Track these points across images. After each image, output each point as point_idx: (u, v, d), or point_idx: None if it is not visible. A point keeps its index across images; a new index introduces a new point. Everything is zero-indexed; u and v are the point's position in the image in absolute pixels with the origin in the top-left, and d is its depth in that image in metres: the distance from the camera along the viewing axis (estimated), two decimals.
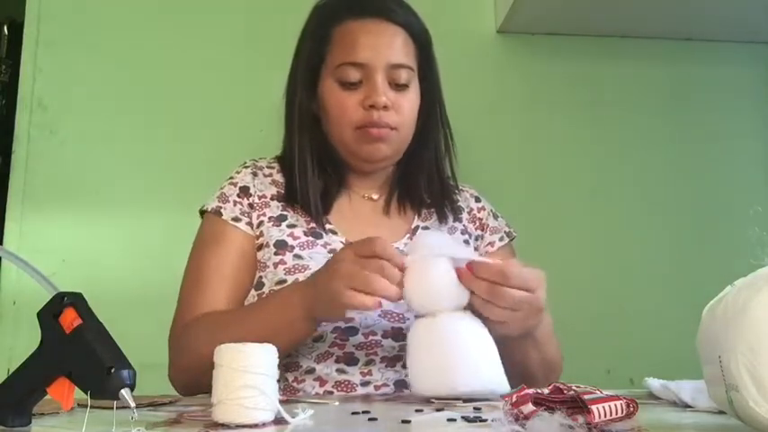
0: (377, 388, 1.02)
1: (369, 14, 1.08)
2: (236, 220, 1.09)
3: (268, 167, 1.16)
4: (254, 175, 1.14)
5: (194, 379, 0.97)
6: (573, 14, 1.54)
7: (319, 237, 1.08)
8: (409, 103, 1.10)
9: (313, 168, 1.11)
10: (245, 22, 1.56)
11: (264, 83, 1.51)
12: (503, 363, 1.05)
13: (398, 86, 1.08)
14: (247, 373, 0.66)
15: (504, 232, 1.21)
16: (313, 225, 1.09)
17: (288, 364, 1.01)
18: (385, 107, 1.05)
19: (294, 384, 1.01)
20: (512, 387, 1.01)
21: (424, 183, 1.16)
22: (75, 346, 0.60)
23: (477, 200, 1.23)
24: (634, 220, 1.58)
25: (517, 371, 1.02)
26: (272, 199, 1.11)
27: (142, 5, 1.54)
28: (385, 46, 1.07)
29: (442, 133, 1.17)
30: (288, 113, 1.14)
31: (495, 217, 1.22)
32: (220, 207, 1.10)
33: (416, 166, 1.16)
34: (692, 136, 1.63)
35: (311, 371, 1.01)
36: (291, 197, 1.11)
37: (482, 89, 1.60)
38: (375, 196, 1.16)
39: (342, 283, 0.84)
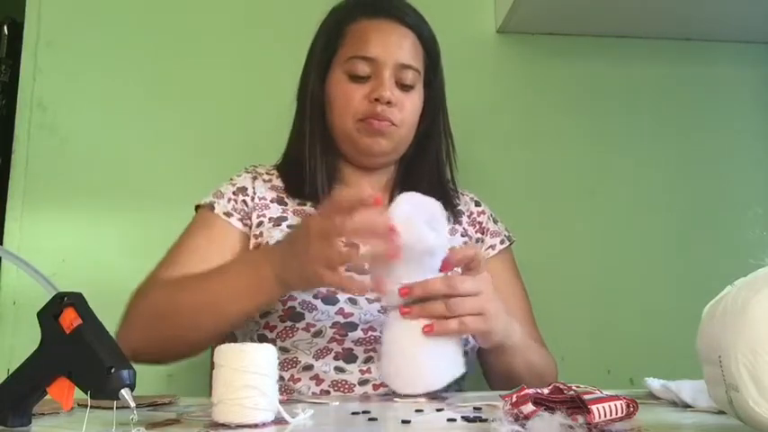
0: (375, 387, 1.02)
1: (382, 15, 1.12)
2: (228, 215, 1.10)
3: (267, 174, 1.18)
4: (254, 178, 1.15)
5: (144, 336, 0.95)
6: (573, 14, 1.54)
7: None
8: (412, 103, 1.12)
9: (321, 158, 1.12)
10: (247, 23, 1.56)
11: (266, 84, 1.51)
12: (489, 377, 1.09)
13: (404, 86, 1.11)
14: (248, 373, 0.66)
15: (504, 236, 1.21)
16: None
17: (285, 360, 1.01)
18: (389, 102, 1.08)
19: (291, 384, 1.01)
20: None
21: (425, 185, 1.17)
22: (75, 346, 0.60)
23: (478, 204, 1.24)
24: (634, 220, 1.58)
25: (505, 381, 1.03)
26: (271, 201, 1.12)
27: (143, 5, 1.54)
28: (395, 45, 1.10)
29: (444, 141, 1.20)
30: (300, 105, 1.17)
31: (495, 221, 1.24)
32: (214, 202, 1.11)
33: (418, 170, 1.18)
34: (692, 136, 1.63)
35: (309, 367, 1.01)
36: (297, 189, 1.12)
37: (482, 89, 1.59)
38: None
39: (318, 264, 0.83)
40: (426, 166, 1.18)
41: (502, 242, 1.20)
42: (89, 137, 1.49)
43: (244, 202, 1.11)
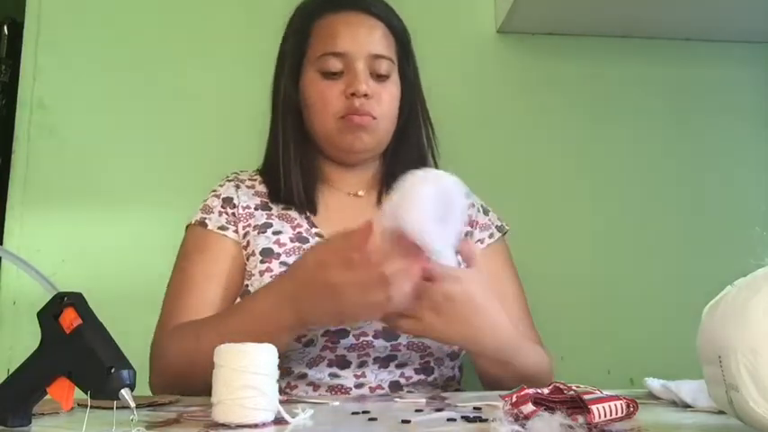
0: (372, 390, 1.02)
1: (348, 7, 1.10)
2: (223, 228, 1.08)
3: (250, 179, 1.16)
4: (237, 187, 1.14)
5: (171, 386, 0.96)
6: (573, 14, 1.54)
7: (306, 242, 1.07)
8: (389, 94, 1.11)
9: (297, 160, 1.11)
10: (246, 24, 1.55)
11: (265, 85, 1.51)
12: (483, 382, 1.06)
13: (379, 77, 1.09)
14: (247, 373, 0.66)
15: (495, 227, 1.20)
16: (299, 230, 1.09)
17: (279, 370, 1.01)
18: (366, 95, 1.06)
19: (287, 391, 1.01)
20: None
21: None
22: (76, 346, 0.61)
23: (467, 196, 1.23)
24: (634, 220, 1.58)
25: (491, 384, 1.02)
26: (255, 209, 1.11)
27: (143, 5, 1.54)
28: (365, 36, 1.09)
29: (424, 129, 1.18)
30: (274, 108, 1.16)
31: (486, 212, 1.22)
32: (205, 218, 1.10)
33: (401, 163, 1.15)
34: (692, 136, 1.63)
35: (303, 376, 1.01)
36: (276, 194, 1.11)
37: (482, 89, 1.59)
38: (361, 193, 1.17)
39: (375, 310, 0.83)
40: (409, 157, 1.16)
41: (491, 236, 1.18)
42: (89, 137, 1.48)
43: (233, 214, 1.10)
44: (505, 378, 0.98)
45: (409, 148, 1.17)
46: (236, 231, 1.09)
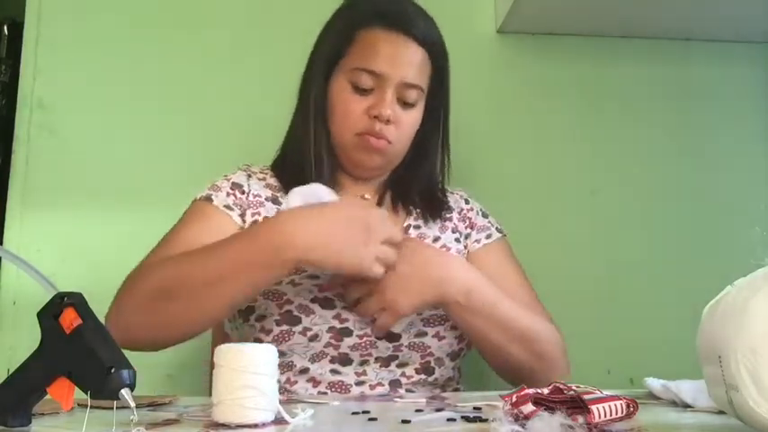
0: (372, 387, 1.02)
1: (396, 27, 1.09)
2: (228, 208, 1.08)
3: (261, 172, 1.17)
4: (249, 176, 1.14)
5: (143, 320, 0.92)
6: (573, 14, 1.54)
7: None
8: (411, 121, 1.12)
9: (322, 159, 1.11)
10: (246, 23, 1.56)
11: (265, 84, 1.51)
12: (480, 351, 1.09)
13: (405, 104, 1.10)
14: (247, 373, 0.66)
15: (495, 228, 1.22)
16: None
17: (281, 364, 1.01)
18: (388, 121, 1.07)
19: (287, 386, 1.01)
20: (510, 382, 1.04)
21: (414, 192, 1.18)
22: (75, 346, 0.61)
23: (467, 201, 1.25)
24: (634, 220, 1.58)
25: (497, 359, 1.04)
26: (266, 200, 1.12)
27: (143, 5, 1.54)
28: (404, 63, 1.08)
29: (441, 156, 1.19)
30: (301, 103, 1.15)
31: (485, 216, 1.24)
32: (211, 194, 1.10)
33: (411, 177, 1.18)
34: (692, 136, 1.63)
35: (305, 370, 1.01)
36: (295, 185, 1.10)
37: (482, 89, 1.59)
38: (368, 195, 1.18)
39: (377, 250, 0.92)
40: (421, 174, 1.18)
41: (488, 236, 1.20)
42: (89, 137, 1.48)
43: (241, 199, 1.10)
44: (495, 334, 1.00)
45: (423, 166, 1.18)
46: (242, 216, 1.08)
